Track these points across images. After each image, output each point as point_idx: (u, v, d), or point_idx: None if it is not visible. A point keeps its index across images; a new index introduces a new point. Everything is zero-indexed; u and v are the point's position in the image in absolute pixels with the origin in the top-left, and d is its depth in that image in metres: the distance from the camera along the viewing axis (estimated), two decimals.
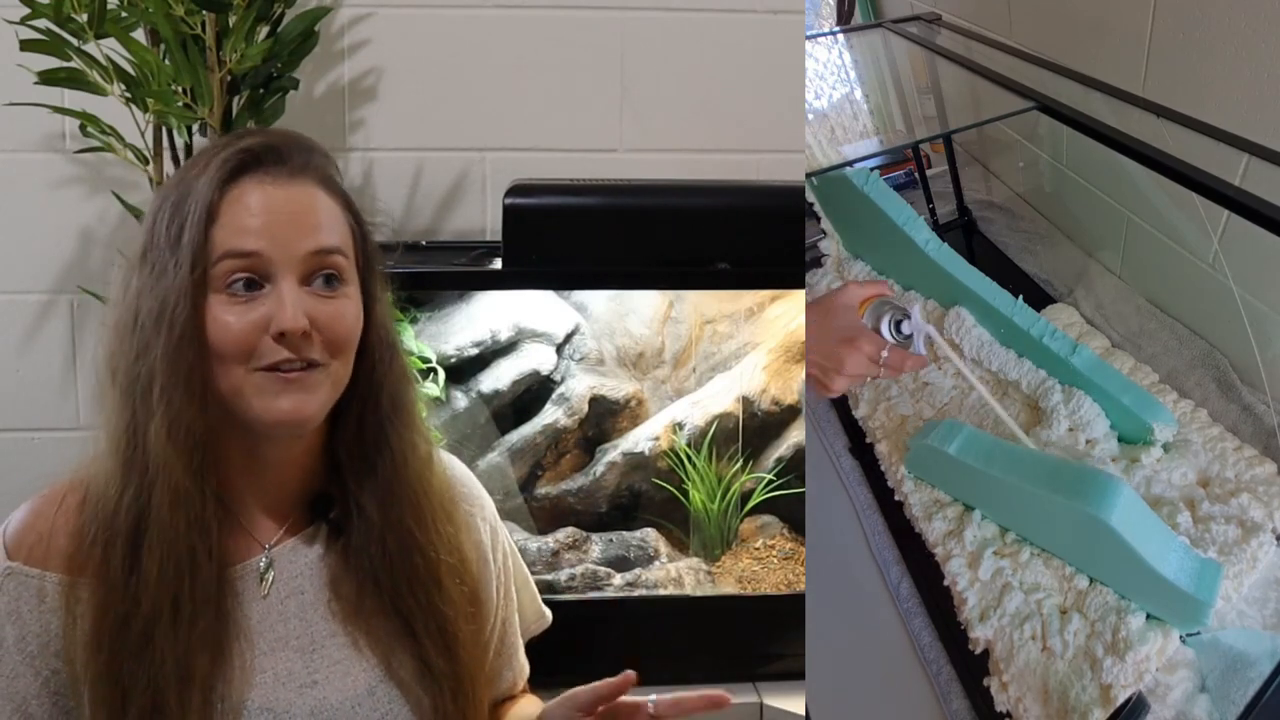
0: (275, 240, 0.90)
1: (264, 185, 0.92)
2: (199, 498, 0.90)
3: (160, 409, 0.89)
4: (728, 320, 1.80)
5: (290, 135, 0.97)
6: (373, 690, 0.96)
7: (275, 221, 0.90)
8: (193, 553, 0.90)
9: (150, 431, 0.90)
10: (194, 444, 0.90)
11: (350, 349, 0.94)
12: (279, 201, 0.91)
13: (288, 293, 0.90)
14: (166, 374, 0.89)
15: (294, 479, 0.99)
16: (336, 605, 0.98)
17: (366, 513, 0.98)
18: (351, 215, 0.97)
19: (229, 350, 0.89)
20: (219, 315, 0.90)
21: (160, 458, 0.89)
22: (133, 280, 0.93)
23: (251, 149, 0.93)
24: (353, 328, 0.94)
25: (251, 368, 0.90)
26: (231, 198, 0.91)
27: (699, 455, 1.72)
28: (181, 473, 0.90)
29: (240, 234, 0.90)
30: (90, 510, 0.92)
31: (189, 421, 0.89)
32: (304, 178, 0.94)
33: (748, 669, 1.63)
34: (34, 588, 0.92)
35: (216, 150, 0.93)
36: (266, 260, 0.90)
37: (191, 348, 0.89)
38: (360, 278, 0.97)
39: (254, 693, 0.93)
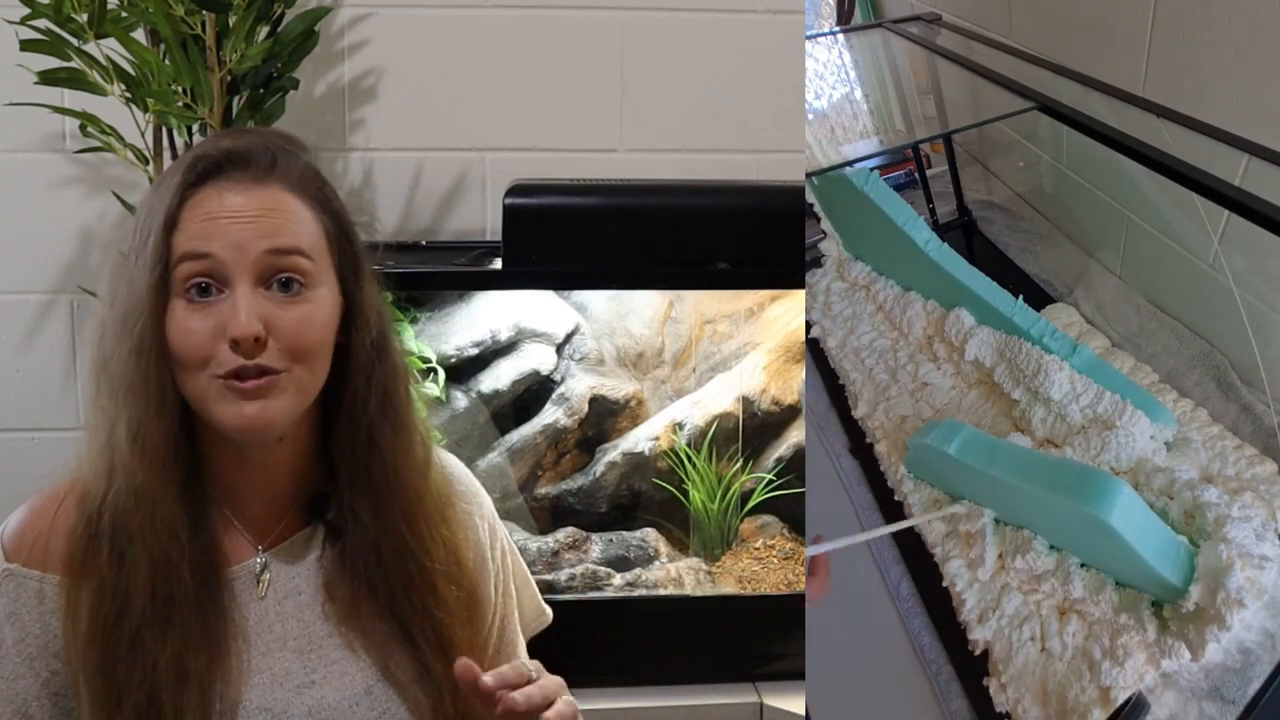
0: (229, 242, 0.89)
1: (223, 191, 0.91)
2: (165, 502, 0.90)
3: (123, 414, 0.90)
4: (728, 320, 1.80)
5: (265, 137, 0.96)
6: (370, 690, 0.96)
7: (232, 225, 0.90)
8: (167, 555, 0.90)
9: (118, 436, 0.90)
10: (155, 449, 0.90)
11: (316, 354, 0.93)
12: (236, 205, 0.91)
13: (241, 297, 0.89)
14: (129, 378, 0.90)
15: (286, 481, 0.99)
16: (331, 608, 0.98)
17: (360, 518, 0.97)
18: (328, 216, 0.96)
19: (188, 356, 0.89)
20: (179, 320, 0.90)
21: (125, 461, 0.90)
22: (117, 281, 0.93)
23: (213, 155, 0.92)
24: (319, 333, 0.93)
25: (212, 374, 0.90)
26: (192, 204, 0.91)
27: (699, 455, 1.73)
28: (145, 475, 0.90)
29: (196, 237, 0.90)
30: (82, 510, 0.93)
31: (150, 426, 0.90)
32: (269, 182, 0.93)
33: (748, 669, 1.63)
34: (33, 589, 0.92)
35: (187, 156, 0.94)
36: (220, 263, 0.89)
37: (152, 352, 0.89)
38: (340, 279, 0.96)
39: (251, 692, 0.93)
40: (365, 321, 0.97)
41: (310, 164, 0.97)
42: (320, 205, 0.95)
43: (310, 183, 0.95)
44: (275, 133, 0.98)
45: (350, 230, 0.97)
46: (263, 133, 0.98)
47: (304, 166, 0.96)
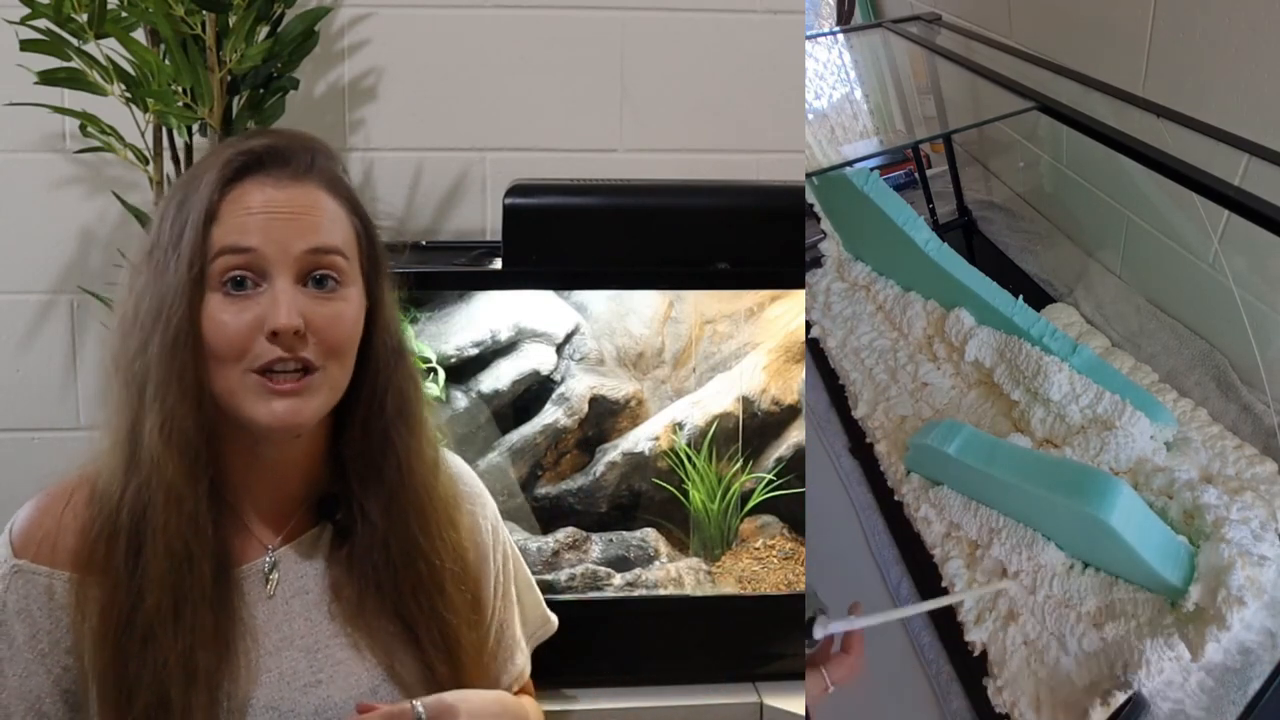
0: (271, 238, 0.90)
1: (264, 186, 0.92)
2: (192, 497, 0.90)
3: (154, 408, 0.90)
4: (728, 320, 1.80)
5: (297, 136, 0.98)
6: (376, 690, 0.96)
7: (273, 220, 0.91)
8: (189, 552, 0.90)
9: (145, 430, 0.90)
10: (187, 443, 0.90)
11: (348, 352, 0.94)
12: (278, 201, 0.92)
13: (282, 291, 0.90)
14: (161, 372, 0.89)
15: (297, 480, 0.99)
16: (338, 607, 0.98)
17: (371, 518, 0.98)
18: (357, 218, 0.97)
19: (223, 349, 0.89)
20: (215, 314, 0.90)
21: (155, 457, 0.90)
22: (137, 280, 0.93)
23: (254, 150, 0.93)
24: (351, 330, 0.94)
25: (246, 368, 0.90)
26: (232, 198, 0.91)
27: (699, 455, 1.72)
28: (174, 472, 0.90)
29: (237, 231, 0.90)
30: (95, 507, 0.92)
31: (182, 421, 0.90)
32: (307, 179, 0.94)
33: (748, 669, 1.63)
34: (43, 585, 0.92)
35: (222, 151, 0.94)
36: (262, 257, 0.90)
37: (187, 346, 0.89)
38: (365, 280, 0.97)
39: (259, 691, 0.93)
40: (386, 323, 0.98)
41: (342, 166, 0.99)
42: (351, 207, 0.97)
43: (342, 185, 0.97)
44: (308, 135, 0.99)
45: (374, 233, 0.99)
46: (295, 134, 0.99)
47: (337, 168, 0.98)
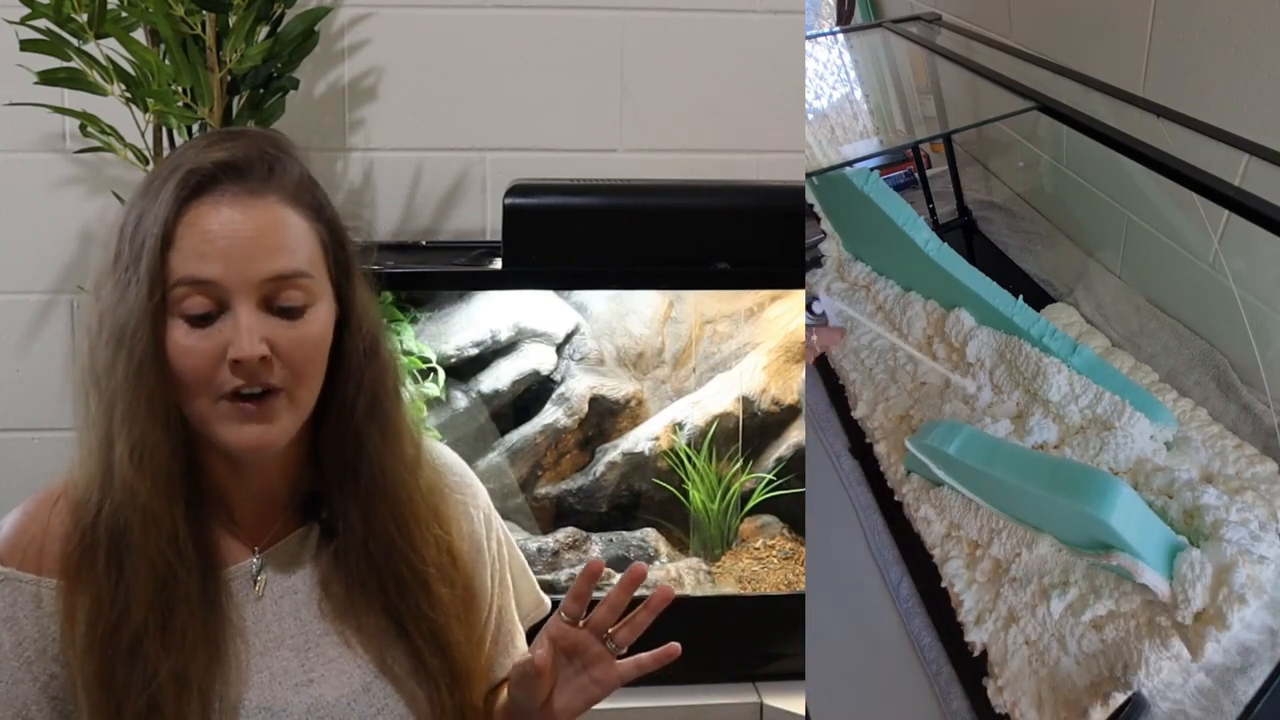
0: (231, 266, 0.88)
1: (220, 206, 0.89)
2: (169, 517, 0.90)
3: (124, 433, 0.89)
4: (728, 320, 1.80)
5: (255, 141, 0.94)
6: (368, 687, 0.96)
7: (232, 246, 0.88)
8: (172, 569, 0.90)
9: (117, 453, 0.89)
10: (159, 467, 0.89)
11: (314, 373, 0.93)
12: (235, 224, 0.89)
13: (244, 319, 0.88)
14: (129, 399, 0.88)
15: (280, 483, 0.99)
16: (327, 605, 0.98)
17: (350, 520, 0.97)
18: (322, 224, 0.94)
19: (189, 379, 0.89)
20: (179, 340, 0.88)
21: (128, 482, 0.89)
22: (102, 289, 0.91)
23: (207, 169, 0.90)
24: (315, 352, 0.92)
25: (214, 396, 0.89)
26: (188, 221, 0.89)
27: (699, 455, 1.73)
28: (148, 496, 0.89)
29: (195, 260, 0.88)
30: (74, 516, 0.92)
31: (153, 446, 0.89)
32: (265, 195, 0.91)
33: (748, 669, 1.63)
34: (30, 593, 0.92)
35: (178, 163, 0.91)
36: (222, 289, 0.88)
37: (153, 372, 0.88)
38: (335, 287, 0.95)
39: (251, 692, 0.93)
40: (358, 326, 0.96)
41: (304, 169, 0.95)
42: (314, 214, 0.94)
43: (305, 191, 0.94)
44: (266, 136, 0.96)
45: (342, 236, 0.96)
46: (253, 137, 0.95)
47: (299, 173, 0.94)
